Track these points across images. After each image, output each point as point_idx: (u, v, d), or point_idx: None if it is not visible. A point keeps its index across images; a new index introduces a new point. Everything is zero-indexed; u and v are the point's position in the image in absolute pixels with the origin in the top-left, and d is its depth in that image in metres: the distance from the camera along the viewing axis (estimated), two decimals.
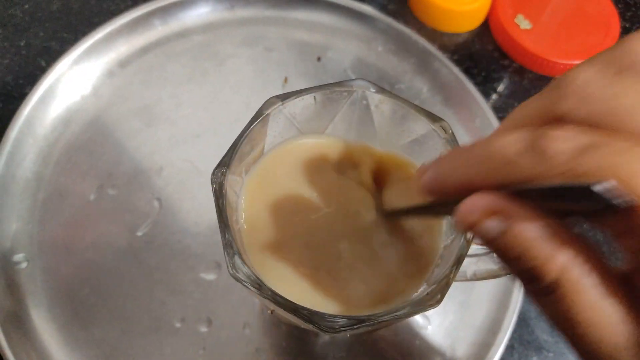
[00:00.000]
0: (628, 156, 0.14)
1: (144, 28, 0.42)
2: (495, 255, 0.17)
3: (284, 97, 0.25)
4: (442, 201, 0.20)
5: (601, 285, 0.16)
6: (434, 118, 0.25)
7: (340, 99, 0.27)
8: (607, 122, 0.15)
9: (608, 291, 0.16)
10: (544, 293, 0.16)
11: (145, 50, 0.42)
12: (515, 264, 0.16)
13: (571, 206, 0.15)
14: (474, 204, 0.16)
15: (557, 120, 0.16)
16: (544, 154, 0.15)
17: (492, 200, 0.16)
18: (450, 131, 0.25)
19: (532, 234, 0.15)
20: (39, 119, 0.38)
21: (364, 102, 0.26)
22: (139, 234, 0.35)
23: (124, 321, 0.33)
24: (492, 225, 0.16)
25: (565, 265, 0.15)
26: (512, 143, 0.16)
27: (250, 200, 0.27)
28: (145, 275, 0.34)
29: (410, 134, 0.27)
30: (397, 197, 0.28)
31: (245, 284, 0.22)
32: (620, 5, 0.49)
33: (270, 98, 0.25)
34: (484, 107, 0.41)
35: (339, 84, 0.26)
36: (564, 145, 0.15)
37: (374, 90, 0.26)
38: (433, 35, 0.46)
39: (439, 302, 0.23)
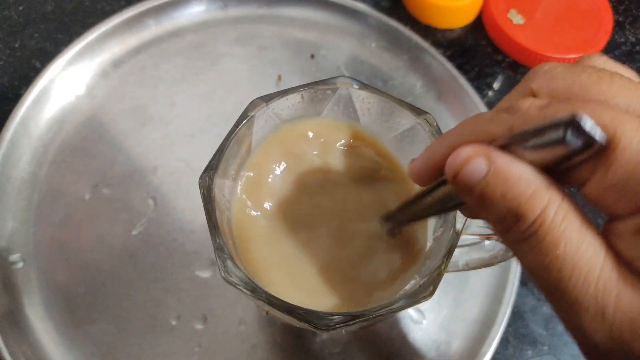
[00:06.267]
0: (589, 105, 0.15)
1: (138, 28, 0.42)
2: (483, 218, 0.18)
3: (268, 98, 0.26)
4: (434, 185, 0.21)
5: (584, 223, 0.16)
6: (418, 112, 0.25)
7: (325, 97, 0.27)
8: (566, 95, 0.17)
9: (591, 230, 0.16)
10: (526, 235, 0.16)
11: (138, 50, 0.42)
12: (498, 205, 0.16)
13: (546, 153, 0.16)
14: (461, 151, 0.17)
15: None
16: (519, 110, 0.17)
17: (477, 146, 0.17)
18: (435, 124, 0.25)
19: (516, 171, 0.16)
20: (34, 119, 0.38)
21: (349, 98, 0.26)
22: (134, 232, 0.36)
23: (119, 319, 0.33)
24: (478, 164, 0.17)
25: (550, 200, 0.16)
26: (491, 111, 0.19)
27: (240, 201, 0.27)
28: (140, 274, 0.34)
29: (396, 129, 0.27)
30: (388, 195, 0.28)
31: (239, 287, 0.22)
32: None
33: (255, 100, 0.26)
34: (478, 103, 0.41)
35: (322, 82, 0.26)
36: (534, 104, 0.17)
37: (357, 87, 0.26)
38: (426, 31, 0.46)
39: (431, 293, 0.23)
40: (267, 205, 0.27)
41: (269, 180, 0.28)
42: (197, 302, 0.34)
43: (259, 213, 0.27)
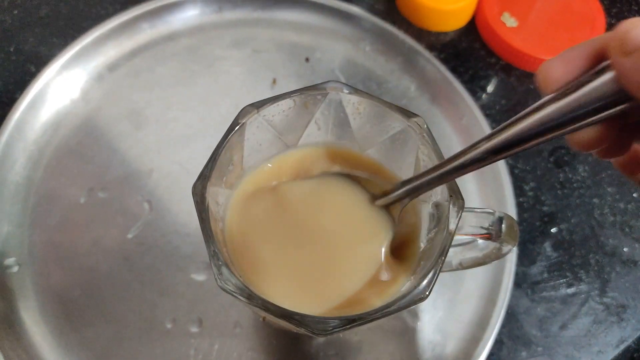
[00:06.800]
0: None
1: (133, 32, 0.43)
2: None
3: (259, 105, 0.26)
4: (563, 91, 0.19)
5: None
6: (408, 114, 0.25)
7: (315, 102, 0.27)
8: None
9: None
10: None
11: (133, 53, 0.42)
12: None
13: None
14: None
15: None
16: None
17: None
18: (425, 126, 0.25)
19: None
20: (29, 123, 0.38)
21: (339, 103, 0.27)
22: (130, 236, 0.36)
23: (115, 323, 0.33)
24: None
25: None
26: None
27: (236, 209, 0.27)
28: (136, 277, 0.34)
29: (387, 132, 0.27)
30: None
31: (235, 294, 0.22)
32: (605, 2, 0.49)
33: (245, 107, 0.26)
34: (471, 105, 0.41)
35: (312, 87, 0.26)
36: None
37: (347, 91, 0.26)
38: (420, 34, 0.46)
39: (428, 294, 0.23)
40: (262, 212, 0.27)
41: (264, 189, 0.28)
42: (192, 305, 0.34)
43: (253, 220, 0.27)
